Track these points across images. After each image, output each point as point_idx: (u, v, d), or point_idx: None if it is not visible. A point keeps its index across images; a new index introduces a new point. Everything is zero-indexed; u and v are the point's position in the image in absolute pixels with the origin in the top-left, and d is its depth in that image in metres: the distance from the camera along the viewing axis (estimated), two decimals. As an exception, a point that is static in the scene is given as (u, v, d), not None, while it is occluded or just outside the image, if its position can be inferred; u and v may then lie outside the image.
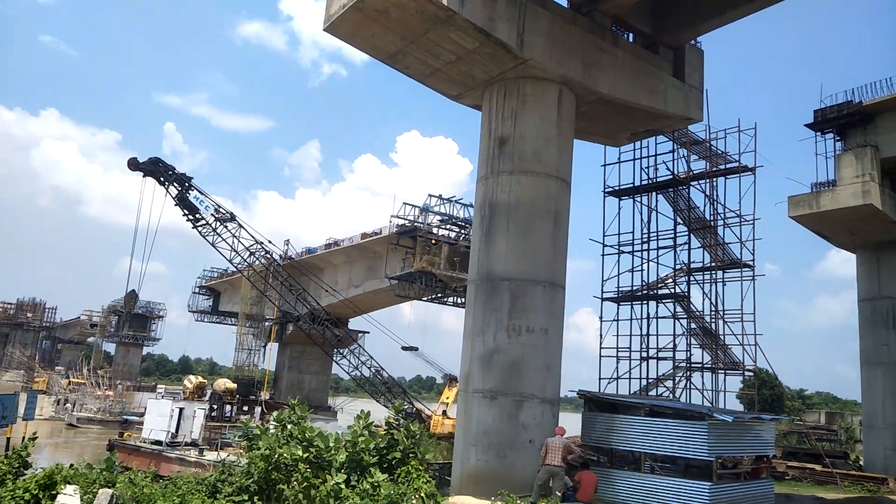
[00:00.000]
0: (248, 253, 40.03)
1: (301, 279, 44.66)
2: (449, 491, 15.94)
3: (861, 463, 30.33)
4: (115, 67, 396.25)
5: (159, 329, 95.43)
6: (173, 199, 38.33)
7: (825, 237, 30.28)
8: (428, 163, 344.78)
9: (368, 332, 51.24)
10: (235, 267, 41.44)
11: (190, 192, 38.57)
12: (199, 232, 39.11)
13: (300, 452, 11.06)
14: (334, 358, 43.79)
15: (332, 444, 11.72)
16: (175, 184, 38.35)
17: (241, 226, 39.90)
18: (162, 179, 38.28)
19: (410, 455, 12.12)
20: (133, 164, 38.32)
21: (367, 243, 47.51)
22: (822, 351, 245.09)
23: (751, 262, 27.09)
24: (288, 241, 51.59)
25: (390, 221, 42.99)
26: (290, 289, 41.78)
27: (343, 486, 10.62)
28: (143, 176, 38.41)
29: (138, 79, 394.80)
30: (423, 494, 10.66)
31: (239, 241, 39.69)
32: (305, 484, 10.47)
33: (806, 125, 28.51)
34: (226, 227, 39.38)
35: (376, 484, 10.63)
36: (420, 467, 11.84)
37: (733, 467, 17.27)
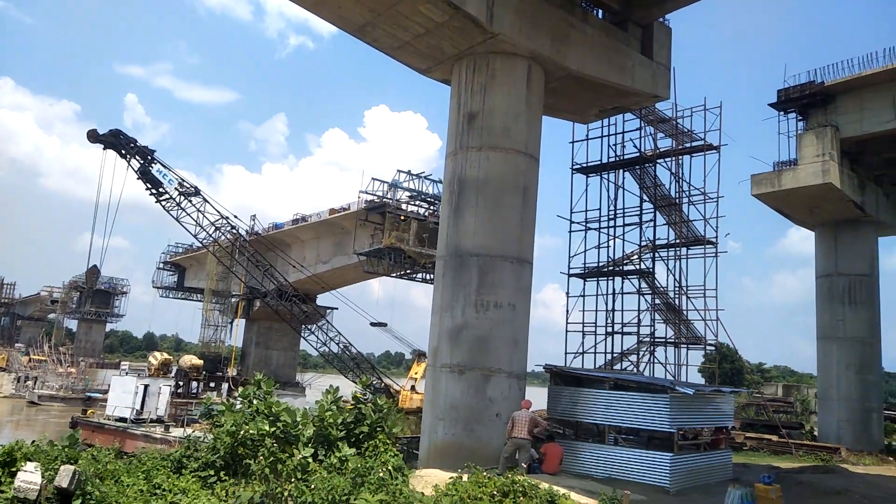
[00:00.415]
0: (213, 228, 39.45)
1: (268, 255, 44.24)
2: (417, 464, 16.10)
3: (815, 433, 31.39)
4: (74, 36, 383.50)
5: (123, 305, 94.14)
6: (135, 172, 37.50)
7: (786, 215, 30.93)
8: (397, 138, 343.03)
9: (337, 309, 51.32)
10: (201, 242, 40.90)
11: (153, 165, 37.77)
12: (163, 206, 38.40)
13: (267, 427, 11.04)
14: (302, 334, 43.69)
15: (299, 419, 11.72)
16: (137, 157, 37.50)
17: (205, 200, 39.28)
18: (123, 152, 37.40)
19: (378, 429, 12.18)
20: (93, 136, 37.34)
21: (335, 219, 47.19)
22: (781, 326, 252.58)
23: (714, 240, 27.54)
24: (254, 216, 51.04)
25: (359, 197, 42.82)
26: (256, 264, 41.37)
27: (310, 460, 10.64)
28: (104, 148, 37.50)
29: (98, 48, 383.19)
30: (390, 468, 10.73)
31: (204, 215, 39.08)
32: (272, 459, 10.46)
33: (769, 105, 28.89)
34: (190, 201, 38.71)
35: (344, 458, 10.67)
36: (387, 441, 11.91)
37: (694, 438, 17.74)
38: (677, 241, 28.11)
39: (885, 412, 34.49)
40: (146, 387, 29.20)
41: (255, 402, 11.89)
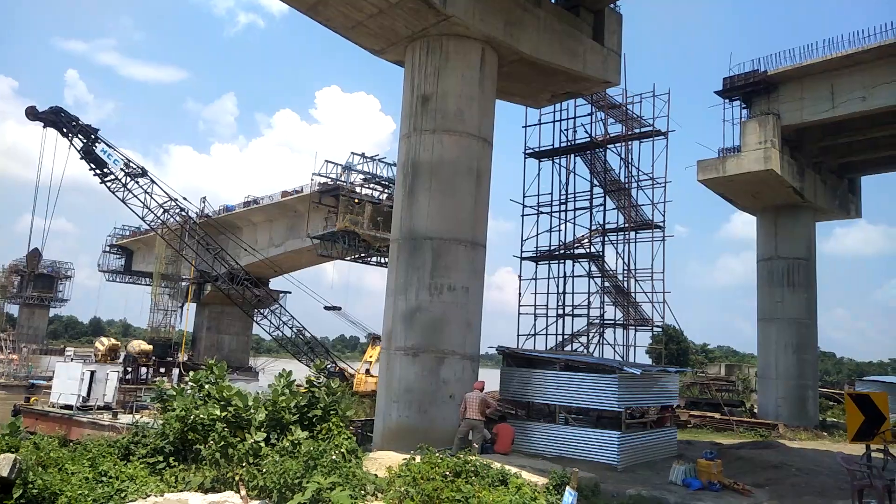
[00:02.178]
0: (161, 210, 38.41)
1: (219, 238, 43.33)
2: (372, 447, 16.18)
3: (755, 411, 32.65)
4: (9, 7, 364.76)
5: (67, 290, 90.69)
6: (78, 151, 36.14)
7: (730, 200, 31.85)
8: (349, 120, 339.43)
9: (290, 293, 50.59)
10: (149, 225, 39.71)
11: (96, 144, 36.43)
12: (108, 187, 37.16)
13: (218, 412, 10.95)
14: (255, 318, 43.06)
15: (251, 404, 11.64)
16: (80, 135, 36.11)
17: (153, 181, 38.15)
18: (65, 131, 35.98)
19: (331, 412, 12.18)
20: (32, 114, 35.85)
21: (287, 202, 46.48)
22: (724, 307, 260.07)
23: (662, 224, 28.23)
24: (204, 198, 49.91)
25: (312, 179, 42.13)
26: (207, 248, 40.48)
27: (262, 444, 10.60)
28: (44, 127, 36.03)
29: (35, 21, 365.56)
30: (343, 450, 10.77)
31: (152, 197, 37.98)
32: (223, 443, 10.39)
33: (715, 92, 29.60)
34: (137, 182, 37.56)
35: (297, 441, 10.66)
36: (341, 424, 11.92)
37: (641, 417, 18.29)
38: (626, 225, 28.71)
39: (820, 390, 36.15)
40: (93, 373, 28.42)
41: (206, 386, 11.76)
